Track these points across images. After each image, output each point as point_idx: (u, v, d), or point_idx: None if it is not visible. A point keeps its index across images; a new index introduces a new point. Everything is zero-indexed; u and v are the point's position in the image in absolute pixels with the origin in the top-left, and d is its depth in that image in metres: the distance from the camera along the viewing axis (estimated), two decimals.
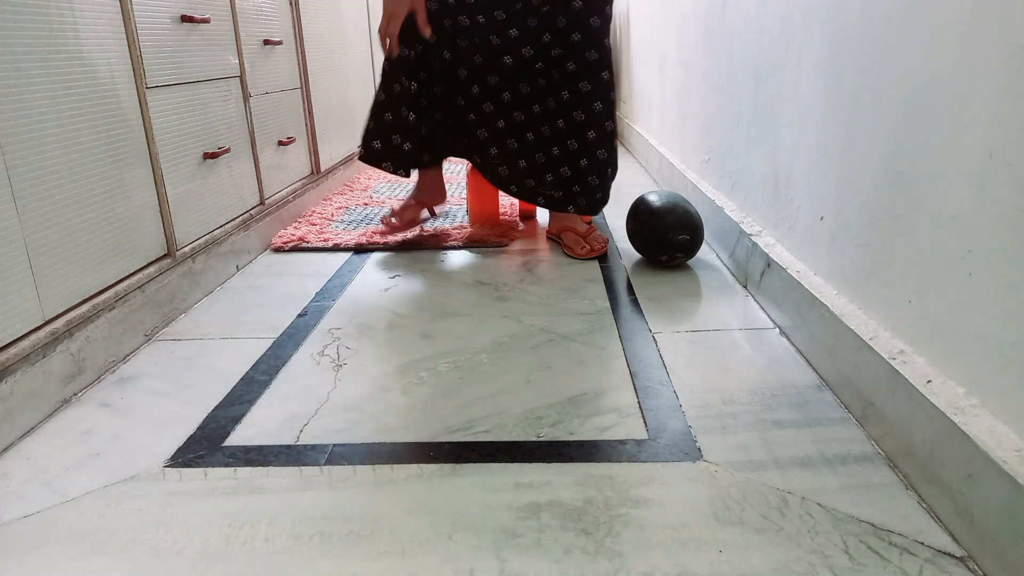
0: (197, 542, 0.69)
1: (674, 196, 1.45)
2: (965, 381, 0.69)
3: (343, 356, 1.08)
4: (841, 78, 0.95)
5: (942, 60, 0.72)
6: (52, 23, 0.96)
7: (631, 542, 0.67)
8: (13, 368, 0.87)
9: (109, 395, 0.99)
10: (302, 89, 1.95)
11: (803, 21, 1.08)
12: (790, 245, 1.15)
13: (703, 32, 1.75)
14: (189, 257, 1.30)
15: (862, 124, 0.89)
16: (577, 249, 1.51)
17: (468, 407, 0.92)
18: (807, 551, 0.65)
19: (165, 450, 0.85)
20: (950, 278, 0.71)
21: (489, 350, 1.09)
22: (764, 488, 0.74)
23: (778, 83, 1.19)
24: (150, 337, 1.17)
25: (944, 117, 0.72)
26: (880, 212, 0.85)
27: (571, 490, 0.75)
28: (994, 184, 0.64)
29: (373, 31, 2.74)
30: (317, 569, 0.65)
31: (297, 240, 1.68)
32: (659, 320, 1.18)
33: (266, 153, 1.68)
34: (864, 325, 0.86)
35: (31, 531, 0.71)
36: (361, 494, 0.75)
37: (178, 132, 1.28)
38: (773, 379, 0.97)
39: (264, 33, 1.68)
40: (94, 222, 1.05)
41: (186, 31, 1.31)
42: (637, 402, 0.92)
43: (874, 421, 0.82)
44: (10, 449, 0.86)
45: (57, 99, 0.97)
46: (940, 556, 0.64)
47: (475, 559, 0.65)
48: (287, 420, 0.91)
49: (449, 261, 1.53)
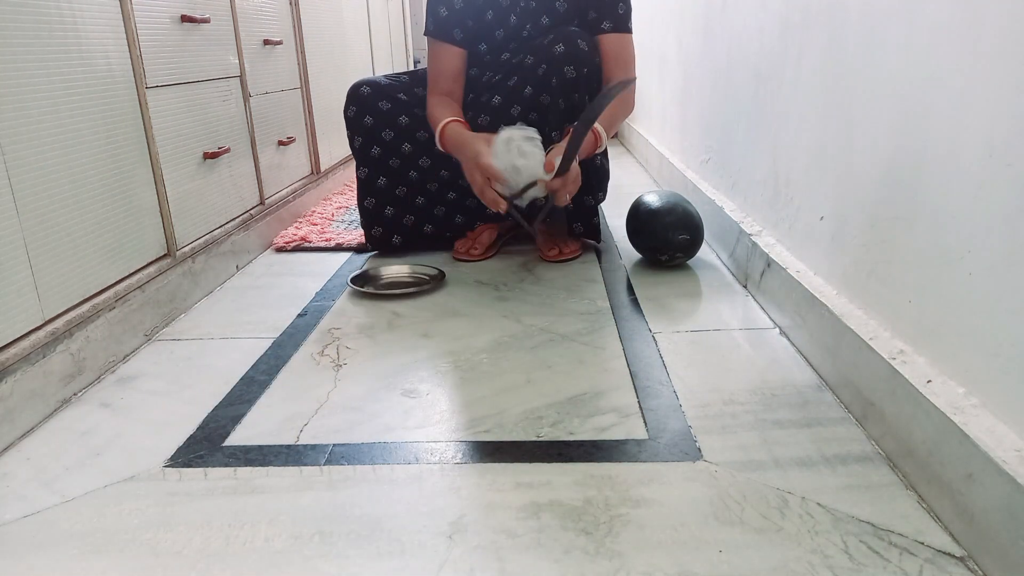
0: (197, 542, 0.69)
1: (674, 196, 1.45)
2: (965, 381, 0.69)
3: (343, 356, 1.08)
4: (841, 78, 0.95)
5: (942, 59, 0.72)
6: (52, 23, 0.96)
7: (631, 542, 0.67)
8: (13, 368, 0.87)
9: (109, 395, 0.99)
10: (302, 89, 1.95)
11: (803, 21, 1.08)
12: (790, 245, 1.15)
13: (703, 32, 1.75)
14: (189, 257, 1.30)
15: (862, 124, 0.89)
16: (546, 250, 1.50)
17: (468, 407, 0.92)
18: (807, 551, 0.65)
19: (165, 450, 0.85)
20: (950, 278, 0.71)
21: (489, 350, 1.09)
22: (764, 488, 0.74)
23: (778, 83, 1.19)
24: (150, 337, 1.17)
25: (944, 117, 0.72)
26: (880, 212, 0.85)
27: (571, 490, 0.75)
28: (994, 184, 0.64)
29: (373, 31, 2.74)
30: (317, 569, 0.65)
31: (299, 240, 1.68)
32: (659, 320, 1.18)
33: (266, 153, 1.68)
34: (864, 325, 0.86)
35: (31, 531, 0.71)
36: (361, 494, 0.75)
37: (178, 132, 1.28)
38: (773, 379, 0.97)
39: (264, 33, 1.68)
40: (94, 222, 1.05)
41: (186, 31, 1.31)
42: (637, 402, 0.92)
43: (874, 421, 0.82)
44: (10, 449, 0.86)
45: (57, 99, 0.97)
46: (940, 556, 0.64)
47: (475, 559, 0.65)
48: (287, 420, 0.91)
49: (449, 261, 1.53)
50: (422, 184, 1.55)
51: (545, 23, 1.44)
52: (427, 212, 1.57)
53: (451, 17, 1.43)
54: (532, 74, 1.37)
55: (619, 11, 1.41)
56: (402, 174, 1.54)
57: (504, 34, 1.46)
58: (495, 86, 1.45)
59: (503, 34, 1.46)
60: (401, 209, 1.56)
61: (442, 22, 1.44)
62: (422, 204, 1.56)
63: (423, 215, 1.57)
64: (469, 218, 1.58)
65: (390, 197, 1.55)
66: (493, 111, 1.42)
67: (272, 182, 1.72)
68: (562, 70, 1.34)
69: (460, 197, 1.56)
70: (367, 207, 1.57)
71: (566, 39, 1.33)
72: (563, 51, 1.33)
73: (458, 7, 1.43)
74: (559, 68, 1.33)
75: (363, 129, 1.52)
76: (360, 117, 1.51)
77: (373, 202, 1.55)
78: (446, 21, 1.44)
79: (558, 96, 1.36)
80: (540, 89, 1.36)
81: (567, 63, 1.33)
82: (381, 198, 1.55)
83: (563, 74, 1.34)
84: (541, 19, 1.43)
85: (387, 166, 1.53)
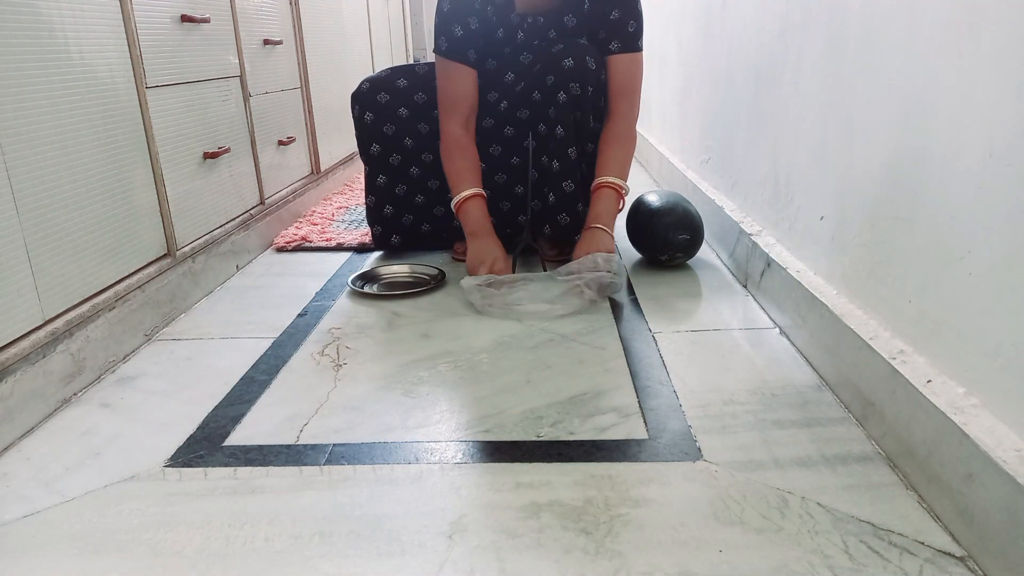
0: (197, 542, 0.69)
1: (674, 196, 1.45)
2: (965, 381, 0.69)
3: (343, 356, 1.08)
4: (841, 78, 0.95)
5: (942, 60, 0.72)
6: (52, 23, 0.96)
7: (631, 542, 0.67)
8: (13, 368, 0.87)
9: (109, 395, 0.99)
10: (302, 89, 1.95)
11: (803, 21, 1.08)
12: (790, 245, 1.15)
13: (703, 32, 1.75)
14: (189, 257, 1.30)
15: (862, 124, 0.89)
16: (547, 250, 1.49)
17: (468, 407, 0.92)
18: (807, 551, 0.65)
19: (165, 450, 0.85)
20: (950, 278, 0.71)
21: (489, 350, 1.09)
22: (764, 488, 0.74)
23: (778, 83, 1.19)
24: (150, 337, 1.17)
25: (944, 117, 0.72)
26: (880, 212, 0.85)
27: (571, 490, 0.75)
28: (994, 184, 0.64)
29: (374, 31, 2.74)
30: (317, 569, 0.65)
31: (299, 240, 1.68)
32: (659, 320, 1.18)
33: (266, 153, 1.68)
34: (864, 325, 0.86)
35: (31, 531, 0.71)
36: (361, 494, 0.75)
37: (178, 132, 1.28)
38: (773, 379, 0.97)
39: (264, 33, 1.68)
40: (94, 222, 1.05)
41: (186, 31, 1.31)
42: (637, 402, 0.92)
43: (874, 421, 0.82)
44: (10, 449, 0.86)
45: (57, 99, 0.97)
46: (940, 556, 0.64)
47: (475, 559, 0.65)
48: (287, 420, 0.91)
49: (449, 261, 1.53)
50: (423, 181, 1.54)
51: (553, 37, 1.41)
52: (426, 211, 1.57)
53: (466, 37, 1.37)
54: (541, 83, 1.35)
55: (629, 29, 1.35)
56: (403, 171, 1.53)
57: (511, 50, 1.44)
58: (502, 87, 1.44)
59: (511, 50, 1.44)
60: (400, 208, 1.56)
61: (457, 42, 1.37)
62: (421, 203, 1.56)
63: (422, 214, 1.57)
64: None
65: (390, 196, 1.55)
66: (499, 115, 1.43)
67: (272, 182, 1.72)
68: (568, 86, 1.31)
69: None
70: (369, 205, 1.57)
71: (575, 54, 1.31)
72: (571, 66, 1.31)
73: (473, 27, 1.37)
74: (565, 83, 1.31)
75: (364, 127, 1.51)
76: (362, 115, 1.50)
77: (374, 200, 1.55)
78: (461, 41, 1.37)
79: (563, 112, 1.33)
80: (547, 101, 1.34)
81: (572, 80, 1.31)
82: (381, 197, 1.55)
83: (568, 90, 1.31)
84: (549, 33, 1.41)
85: (387, 163, 1.53)
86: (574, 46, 1.32)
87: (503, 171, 1.52)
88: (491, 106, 1.47)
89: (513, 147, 1.50)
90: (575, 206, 1.36)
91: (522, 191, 1.53)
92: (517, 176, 1.52)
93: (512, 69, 1.45)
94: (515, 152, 1.51)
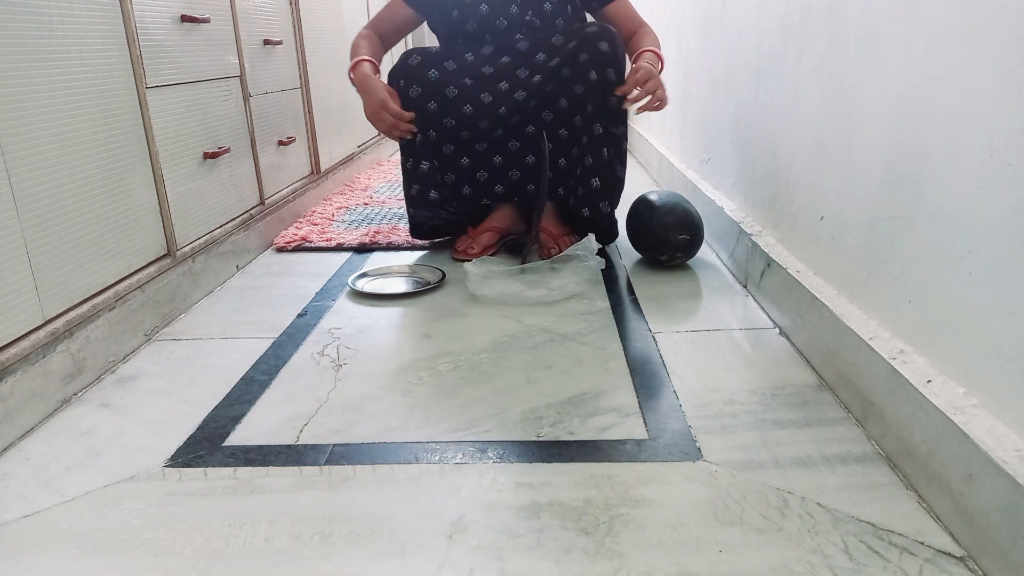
0: (197, 542, 0.69)
1: (674, 196, 1.45)
2: (965, 381, 0.69)
3: (343, 356, 1.08)
4: (841, 78, 0.95)
5: (942, 59, 0.72)
6: (52, 23, 0.96)
7: (631, 542, 0.67)
8: (13, 368, 0.87)
9: (109, 395, 0.99)
10: (302, 89, 1.95)
11: (803, 21, 1.08)
12: (790, 245, 1.15)
13: (703, 32, 1.75)
14: (189, 257, 1.30)
15: (862, 124, 0.89)
16: (546, 249, 1.49)
17: (468, 407, 0.92)
18: (807, 551, 0.65)
19: (165, 450, 0.85)
20: (950, 278, 0.71)
21: (489, 350, 1.09)
22: (764, 488, 0.74)
23: (778, 83, 1.19)
24: (150, 337, 1.17)
25: (944, 117, 0.72)
26: (880, 212, 0.85)
27: (571, 490, 0.75)
28: (994, 184, 0.64)
29: None
30: (317, 569, 0.65)
31: (299, 240, 1.68)
32: (659, 320, 1.18)
33: (266, 153, 1.68)
34: (864, 325, 0.86)
35: (31, 531, 0.71)
36: (361, 494, 0.75)
37: (178, 132, 1.28)
38: (773, 379, 0.97)
39: (264, 33, 1.68)
40: (94, 222, 1.05)
41: (186, 31, 1.31)
42: (637, 402, 0.92)
43: (874, 421, 0.82)
44: (10, 449, 0.86)
45: (57, 99, 0.97)
46: (940, 556, 0.64)
47: (475, 559, 0.65)
48: (287, 420, 0.91)
49: (449, 261, 1.53)
50: (471, 144, 1.53)
51: (548, 10, 1.47)
52: (470, 174, 1.55)
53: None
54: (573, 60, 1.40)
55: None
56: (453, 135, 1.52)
57: (508, 24, 1.48)
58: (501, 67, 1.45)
59: (506, 24, 1.48)
60: (443, 167, 1.53)
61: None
62: (466, 165, 1.54)
63: (465, 176, 1.55)
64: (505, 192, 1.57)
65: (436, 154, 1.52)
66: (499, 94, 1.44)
67: (272, 182, 1.71)
68: (604, 71, 1.39)
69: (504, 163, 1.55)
70: (408, 167, 1.54)
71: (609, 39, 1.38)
72: (607, 51, 1.38)
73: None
74: (602, 67, 1.38)
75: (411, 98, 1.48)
76: (406, 89, 1.47)
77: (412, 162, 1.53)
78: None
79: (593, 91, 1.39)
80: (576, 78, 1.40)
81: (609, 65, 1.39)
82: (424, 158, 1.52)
83: (605, 75, 1.39)
84: (543, 5, 1.46)
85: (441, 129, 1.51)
86: (606, 30, 1.40)
87: (515, 138, 1.52)
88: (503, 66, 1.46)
89: (526, 114, 1.49)
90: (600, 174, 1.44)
91: (533, 161, 1.53)
92: (529, 146, 1.52)
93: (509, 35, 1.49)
94: (529, 121, 1.50)
